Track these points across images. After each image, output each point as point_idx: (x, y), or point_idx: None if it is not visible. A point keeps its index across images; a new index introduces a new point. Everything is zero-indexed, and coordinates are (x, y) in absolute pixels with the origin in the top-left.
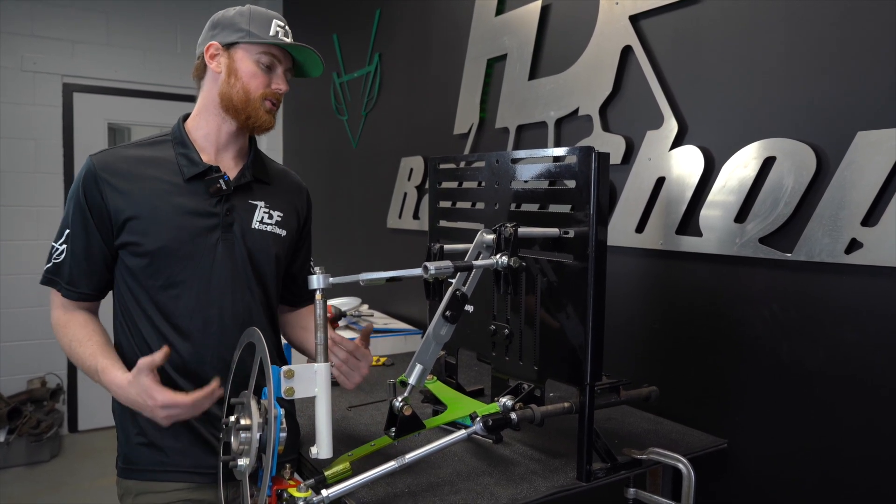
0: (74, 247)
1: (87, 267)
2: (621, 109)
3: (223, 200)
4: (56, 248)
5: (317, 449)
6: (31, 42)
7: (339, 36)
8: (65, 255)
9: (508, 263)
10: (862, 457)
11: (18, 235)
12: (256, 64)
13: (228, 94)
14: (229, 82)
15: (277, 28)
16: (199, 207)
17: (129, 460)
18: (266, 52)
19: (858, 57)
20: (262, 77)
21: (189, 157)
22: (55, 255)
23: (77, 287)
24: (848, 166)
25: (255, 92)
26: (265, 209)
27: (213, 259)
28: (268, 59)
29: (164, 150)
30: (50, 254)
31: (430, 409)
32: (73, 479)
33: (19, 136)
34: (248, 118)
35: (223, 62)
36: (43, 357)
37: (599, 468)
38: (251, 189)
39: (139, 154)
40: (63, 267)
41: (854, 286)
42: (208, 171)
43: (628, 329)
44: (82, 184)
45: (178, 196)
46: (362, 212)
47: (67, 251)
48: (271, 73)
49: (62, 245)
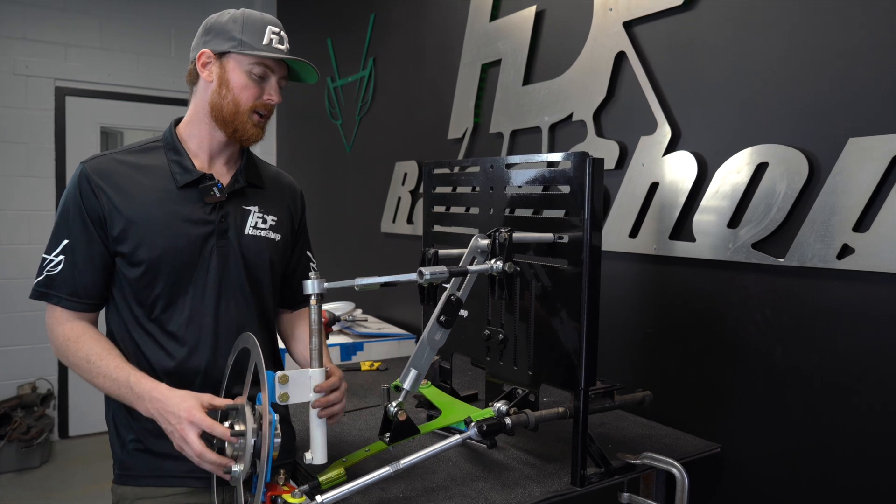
0: (76, 256)
1: (90, 276)
2: (615, 115)
3: (217, 207)
4: (49, 259)
5: (311, 454)
6: (23, 45)
7: (333, 40)
8: (62, 267)
9: (503, 268)
10: (854, 460)
11: (10, 240)
12: (248, 75)
13: (219, 104)
14: (220, 93)
15: (272, 36)
16: (193, 216)
17: (125, 466)
18: (259, 62)
19: (850, 63)
20: (253, 89)
21: (182, 164)
22: (48, 268)
23: (81, 297)
24: (840, 172)
25: (246, 104)
26: (259, 214)
27: (209, 267)
28: (260, 70)
29: (156, 156)
30: (41, 266)
31: (424, 415)
32: (63, 486)
33: (11, 140)
34: (236, 131)
35: (215, 71)
36: (33, 362)
37: (593, 473)
38: (244, 194)
39: (132, 161)
40: (59, 279)
41: (846, 291)
42: (202, 178)
43: (622, 334)
44: (79, 190)
45: (172, 204)
46: (356, 216)
47: (66, 262)
48: (264, 84)
49: (57, 256)
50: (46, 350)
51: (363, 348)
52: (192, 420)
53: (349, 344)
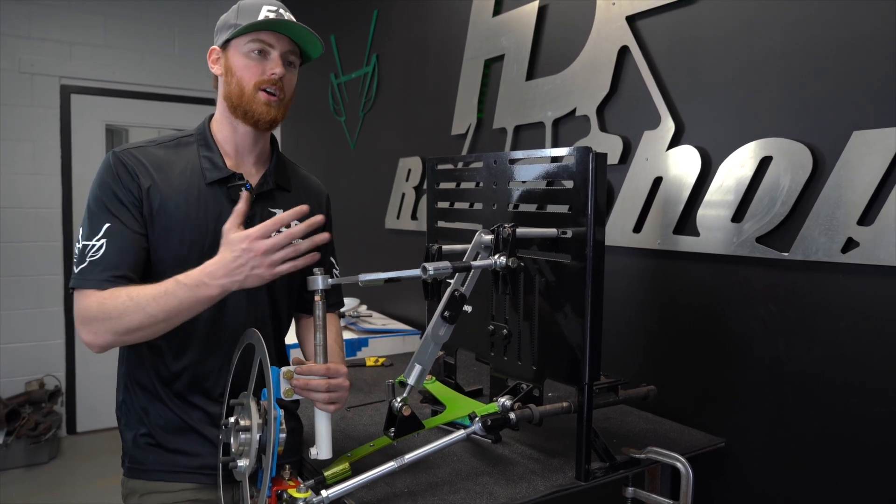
0: (122, 238)
1: (133, 257)
2: (618, 109)
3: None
4: (91, 245)
5: (316, 450)
6: (28, 44)
7: (336, 37)
8: (105, 250)
9: (507, 264)
10: (859, 454)
11: (17, 237)
12: (247, 55)
13: (229, 93)
14: (228, 81)
15: (268, 12)
16: (222, 216)
17: (136, 460)
18: (254, 39)
19: (854, 56)
20: (254, 67)
21: (213, 160)
22: (90, 254)
23: (122, 275)
24: (844, 166)
25: (249, 83)
26: None
27: None
28: (258, 46)
29: (187, 151)
30: (83, 254)
31: (428, 410)
32: (71, 481)
33: (17, 138)
34: (247, 113)
35: (222, 63)
36: (41, 359)
37: (598, 467)
38: (272, 197)
39: (164, 153)
40: (104, 263)
41: (850, 285)
42: (231, 177)
43: (626, 329)
44: (116, 172)
45: (200, 202)
46: (360, 212)
47: (109, 245)
48: (265, 60)
49: (99, 240)
50: (54, 347)
51: (368, 344)
52: (239, 236)
53: (354, 340)
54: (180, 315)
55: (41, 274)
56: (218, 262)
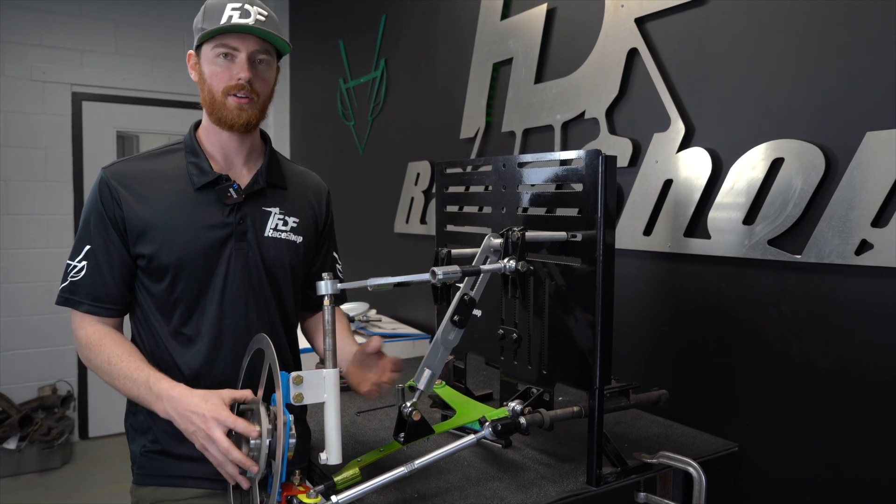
0: (98, 261)
1: (112, 281)
2: (628, 112)
3: (235, 209)
4: (73, 265)
5: (326, 455)
6: (40, 52)
7: (345, 41)
8: (85, 273)
9: (516, 267)
10: (874, 458)
11: (28, 244)
12: (214, 61)
13: (204, 99)
14: (202, 88)
15: (232, 11)
16: (211, 219)
17: (145, 467)
18: (219, 43)
19: (866, 56)
20: (221, 73)
21: (199, 165)
22: (72, 274)
23: (103, 302)
24: (857, 167)
25: (217, 89)
26: (279, 216)
27: (227, 270)
28: (223, 50)
29: (175, 159)
30: (66, 272)
31: (438, 414)
32: (84, 486)
33: (29, 146)
34: (220, 119)
35: (198, 69)
36: (53, 364)
37: (609, 472)
38: (265, 195)
39: (152, 165)
40: (82, 285)
41: (864, 287)
42: (218, 180)
43: (637, 332)
44: (99, 196)
45: (190, 207)
46: (370, 217)
47: (89, 267)
48: (233, 64)
49: (80, 262)
50: (66, 352)
51: None
52: (219, 418)
53: None
54: (139, 402)
55: (53, 280)
56: (184, 402)
